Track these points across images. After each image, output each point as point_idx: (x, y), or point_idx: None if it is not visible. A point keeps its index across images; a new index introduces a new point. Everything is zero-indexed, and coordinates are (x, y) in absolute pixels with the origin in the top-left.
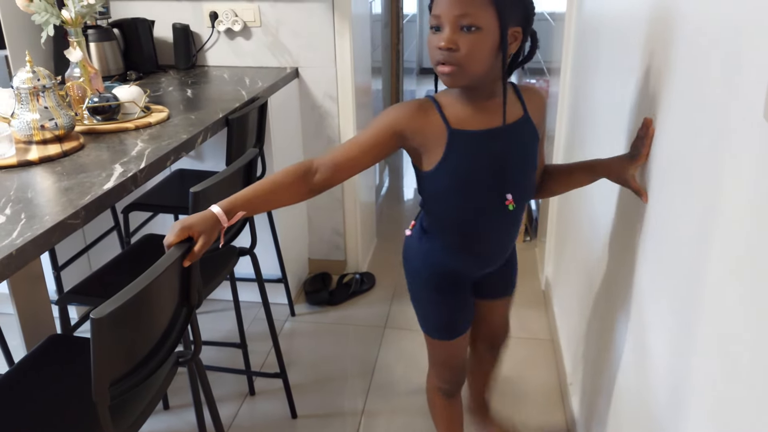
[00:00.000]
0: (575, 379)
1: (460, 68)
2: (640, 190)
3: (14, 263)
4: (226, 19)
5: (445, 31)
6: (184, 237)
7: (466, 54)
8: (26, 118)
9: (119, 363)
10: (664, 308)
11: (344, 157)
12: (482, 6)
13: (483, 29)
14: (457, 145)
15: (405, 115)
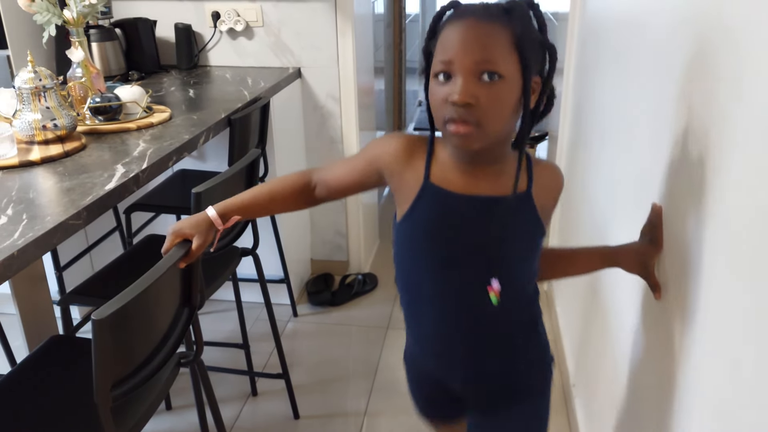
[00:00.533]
0: (578, 380)
1: (480, 128)
2: (657, 287)
3: (16, 264)
4: (228, 19)
5: (460, 82)
6: (177, 241)
7: (487, 109)
8: (28, 118)
9: (121, 364)
10: (667, 308)
11: (336, 183)
12: (506, 49)
13: (506, 79)
14: (427, 200)
15: (389, 152)
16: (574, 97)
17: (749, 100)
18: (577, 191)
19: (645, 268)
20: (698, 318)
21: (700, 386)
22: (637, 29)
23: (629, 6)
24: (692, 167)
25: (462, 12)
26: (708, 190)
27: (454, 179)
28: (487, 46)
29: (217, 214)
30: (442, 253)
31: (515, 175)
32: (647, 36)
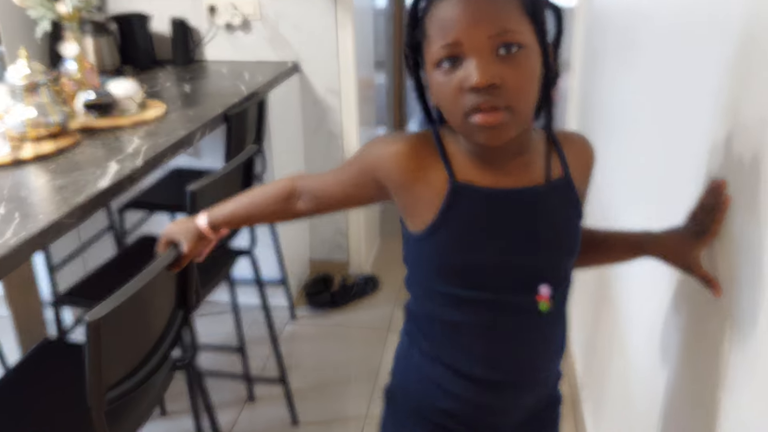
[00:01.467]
0: (587, 382)
1: (511, 112)
2: (710, 279)
3: (8, 263)
4: (225, 12)
5: (475, 63)
6: (167, 245)
7: (515, 87)
8: (20, 114)
9: (115, 367)
10: (678, 310)
11: (325, 196)
12: (519, 15)
13: (527, 48)
14: (460, 206)
15: (392, 161)
16: (581, 90)
17: (759, 91)
18: None
19: (686, 260)
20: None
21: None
22: (643, 22)
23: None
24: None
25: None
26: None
27: (480, 176)
28: (499, 13)
29: (209, 225)
30: (480, 262)
31: (545, 159)
32: (654, 29)
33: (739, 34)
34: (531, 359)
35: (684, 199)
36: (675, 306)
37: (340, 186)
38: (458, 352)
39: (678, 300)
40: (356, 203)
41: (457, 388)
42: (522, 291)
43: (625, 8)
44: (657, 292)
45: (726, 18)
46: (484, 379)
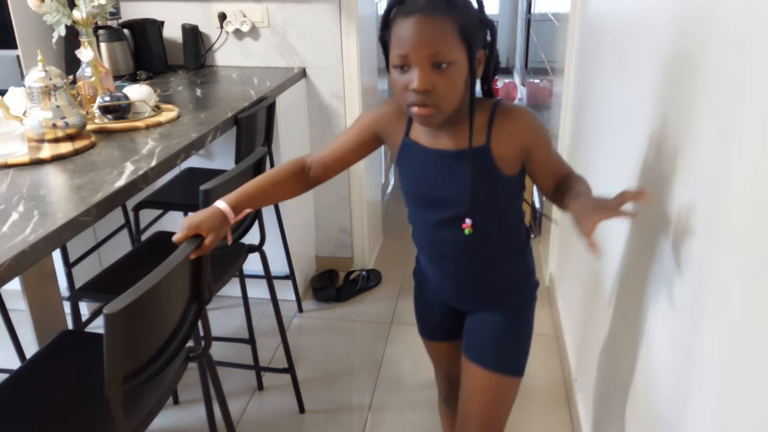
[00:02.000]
0: (580, 375)
1: (438, 108)
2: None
3: (27, 260)
4: (234, 19)
5: (416, 72)
6: (192, 235)
7: (443, 93)
8: (38, 116)
9: (131, 358)
10: (670, 303)
11: (332, 157)
12: (453, 39)
13: (456, 63)
14: (404, 156)
15: (382, 116)
16: (575, 96)
17: (752, 99)
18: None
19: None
20: (701, 311)
21: (702, 380)
22: (637, 29)
23: (629, 6)
24: (694, 162)
25: (409, 8)
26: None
27: (424, 137)
28: (437, 39)
29: (229, 207)
30: (421, 194)
31: (477, 129)
32: (648, 36)
33: (732, 40)
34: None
35: (677, 203)
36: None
37: (345, 147)
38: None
39: (669, 294)
40: (359, 157)
41: (425, 260)
42: (451, 218)
43: (619, 15)
44: (649, 286)
45: (719, 25)
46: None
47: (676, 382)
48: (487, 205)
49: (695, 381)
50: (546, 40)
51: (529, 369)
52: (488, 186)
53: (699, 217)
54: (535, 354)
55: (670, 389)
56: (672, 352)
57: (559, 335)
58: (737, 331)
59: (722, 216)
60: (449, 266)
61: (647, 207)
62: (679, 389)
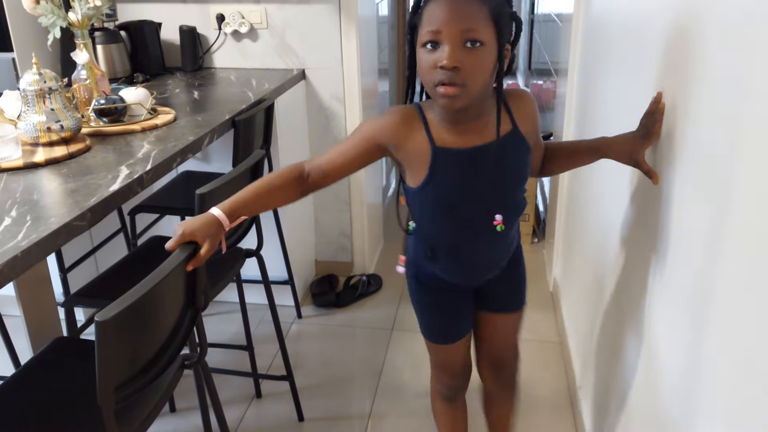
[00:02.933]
0: (585, 382)
1: (465, 88)
2: (651, 172)
3: (20, 265)
4: (232, 21)
5: (447, 48)
6: (182, 242)
7: (471, 72)
8: (32, 120)
9: (125, 366)
10: (675, 308)
11: (331, 165)
12: (485, 21)
13: (486, 45)
14: (442, 165)
15: (388, 127)
16: (578, 97)
17: (755, 99)
18: (581, 191)
19: (634, 157)
20: (707, 316)
21: (709, 387)
22: (640, 30)
23: (633, 7)
24: (701, 164)
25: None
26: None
27: (452, 138)
28: (470, 17)
29: (224, 214)
30: (464, 201)
31: (497, 120)
32: (651, 36)
33: (737, 39)
34: (495, 257)
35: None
36: (671, 305)
37: (344, 157)
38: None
39: (674, 300)
40: (357, 167)
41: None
42: (485, 218)
43: (623, 16)
44: (654, 290)
45: (723, 25)
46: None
47: (683, 389)
48: (520, 187)
49: (702, 388)
50: (549, 41)
51: (533, 376)
52: (524, 168)
53: (704, 220)
54: (540, 361)
55: (677, 396)
56: (678, 359)
57: (564, 342)
58: (744, 337)
59: (728, 219)
60: (477, 263)
61: (652, 209)
62: (685, 396)
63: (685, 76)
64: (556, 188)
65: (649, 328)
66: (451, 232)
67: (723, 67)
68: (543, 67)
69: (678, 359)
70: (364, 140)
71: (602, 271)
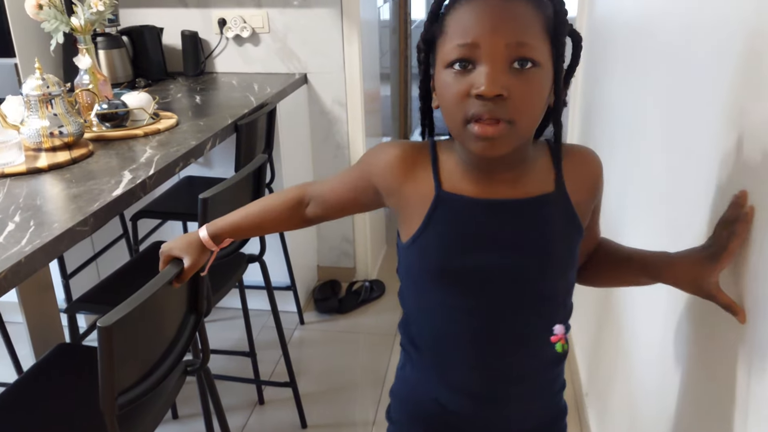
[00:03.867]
0: (591, 389)
1: (513, 126)
2: (733, 306)
3: (23, 271)
4: (234, 25)
5: (487, 70)
6: (168, 261)
7: (521, 103)
8: (35, 125)
9: (127, 372)
10: (683, 313)
11: (334, 198)
12: (540, 35)
13: (542, 67)
14: (443, 214)
15: (383, 166)
16: (583, 101)
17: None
18: None
19: (701, 285)
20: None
21: (722, 392)
22: (644, 32)
23: (636, 9)
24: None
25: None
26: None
27: (469, 187)
28: (522, 26)
29: (209, 235)
30: (468, 270)
31: (540, 172)
32: (655, 39)
33: (743, 41)
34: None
35: (691, 211)
36: (682, 314)
37: (344, 189)
38: (450, 363)
39: (686, 307)
40: (359, 207)
41: (450, 400)
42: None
43: (626, 19)
44: (663, 299)
45: (729, 26)
46: (476, 391)
47: (692, 396)
48: (565, 275)
49: (712, 394)
50: None
51: None
52: (568, 247)
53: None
54: None
55: (686, 403)
56: (687, 365)
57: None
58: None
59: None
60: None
61: (658, 216)
62: (695, 403)
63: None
64: None
65: (655, 334)
66: (439, 319)
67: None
68: None
69: (686, 365)
70: (360, 175)
71: None
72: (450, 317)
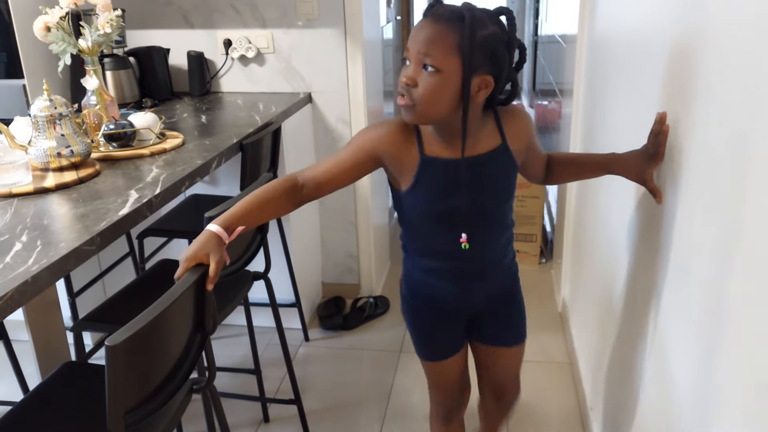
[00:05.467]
0: (596, 403)
1: (414, 107)
2: (656, 190)
3: (30, 290)
4: (239, 46)
5: (409, 67)
6: (189, 268)
7: (422, 93)
8: (43, 145)
9: (134, 390)
10: (686, 326)
11: (326, 176)
12: (446, 50)
13: (443, 73)
14: (427, 174)
15: (385, 138)
16: (584, 117)
17: (764, 118)
18: (589, 212)
19: (642, 176)
20: (719, 333)
21: (722, 404)
22: (645, 49)
23: (636, 27)
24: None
25: (429, 11)
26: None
27: (441, 149)
28: (431, 42)
29: (221, 228)
30: (444, 212)
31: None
32: (655, 56)
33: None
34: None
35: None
36: (683, 325)
37: (340, 167)
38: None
39: (686, 319)
40: (354, 178)
41: (439, 285)
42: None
43: (627, 36)
44: (664, 309)
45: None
46: (456, 277)
47: (696, 409)
48: (497, 206)
49: (717, 407)
50: (554, 62)
51: (542, 397)
52: (508, 185)
53: (715, 237)
54: (549, 382)
55: (690, 417)
56: (691, 379)
57: (573, 362)
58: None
59: (738, 235)
60: (455, 273)
61: (660, 228)
62: (699, 416)
63: (688, 94)
64: (564, 208)
65: (660, 347)
66: (434, 243)
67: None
68: (547, 88)
69: (690, 379)
70: (360, 151)
71: (611, 291)
72: (437, 234)
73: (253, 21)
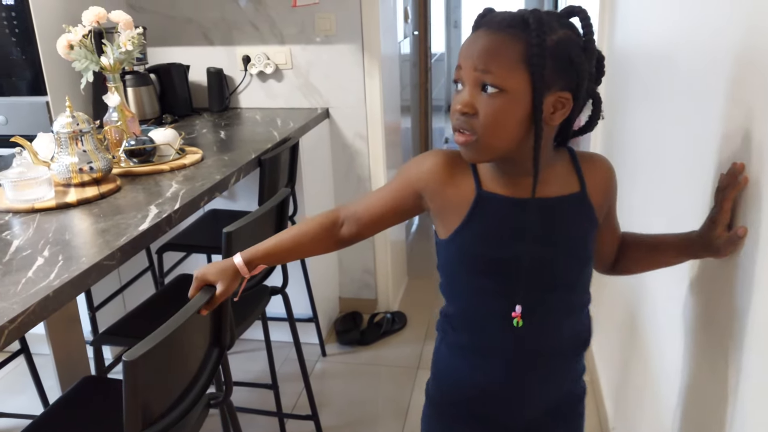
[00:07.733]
0: (618, 423)
1: (477, 140)
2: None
3: (51, 305)
4: (258, 62)
5: (464, 90)
6: (201, 287)
7: (483, 122)
8: (65, 161)
9: (152, 405)
10: (713, 346)
11: (366, 213)
12: (510, 64)
13: (508, 93)
14: (483, 212)
15: (429, 168)
16: (605, 130)
17: None
18: None
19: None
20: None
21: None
22: (666, 62)
23: (657, 40)
24: None
25: (480, 21)
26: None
27: (501, 187)
28: (489, 57)
29: (244, 261)
30: (499, 255)
31: (563, 175)
32: (677, 69)
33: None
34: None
35: None
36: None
37: (382, 203)
38: (483, 339)
39: (712, 335)
40: (398, 218)
41: (481, 376)
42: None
43: (646, 49)
44: (690, 331)
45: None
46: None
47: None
48: (568, 268)
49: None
50: None
51: None
52: (586, 241)
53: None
54: None
55: None
56: (718, 396)
57: (594, 381)
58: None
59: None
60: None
61: None
62: None
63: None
64: None
65: (684, 365)
66: (476, 306)
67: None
68: None
69: (717, 396)
70: (402, 182)
71: (634, 309)
72: (485, 299)
73: (271, 37)
